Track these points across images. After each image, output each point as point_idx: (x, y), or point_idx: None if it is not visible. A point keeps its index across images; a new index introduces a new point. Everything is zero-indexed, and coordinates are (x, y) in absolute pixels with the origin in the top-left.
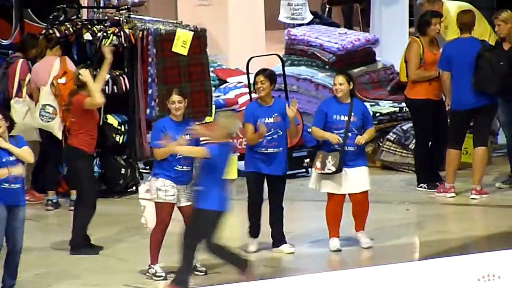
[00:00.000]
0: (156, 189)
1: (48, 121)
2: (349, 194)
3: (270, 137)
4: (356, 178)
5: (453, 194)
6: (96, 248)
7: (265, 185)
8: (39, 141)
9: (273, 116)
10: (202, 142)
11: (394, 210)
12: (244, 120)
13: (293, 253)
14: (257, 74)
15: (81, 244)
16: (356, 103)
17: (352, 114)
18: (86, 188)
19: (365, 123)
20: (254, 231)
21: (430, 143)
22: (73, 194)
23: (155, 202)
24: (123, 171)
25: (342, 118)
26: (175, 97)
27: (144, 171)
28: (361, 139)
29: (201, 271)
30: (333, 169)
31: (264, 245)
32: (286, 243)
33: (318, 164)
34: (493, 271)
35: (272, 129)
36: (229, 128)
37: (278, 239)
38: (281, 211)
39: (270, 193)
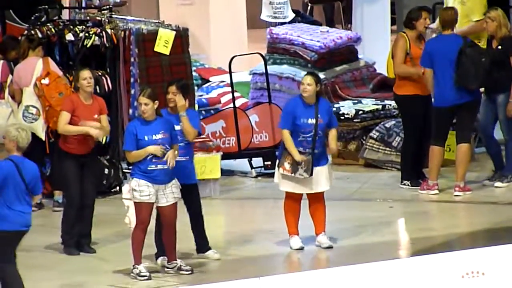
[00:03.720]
0: (132, 189)
1: (32, 122)
2: (307, 193)
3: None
4: (317, 178)
5: (436, 191)
6: (76, 249)
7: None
8: None
9: (180, 124)
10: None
11: (378, 207)
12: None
13: (219, 259)
14: (170, 84)
15: (66, 243)
16: (322, 104)
17: (319, 116)
18: (68, 188)
19: (330, 122)
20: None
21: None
22: (57, 195)
23: (134, 202)
24: (106, 171)
25: (310, 121)
26: (141, 99)
27: (127, 171)
28: (334, 150)
29: (186, 270)
30: (306, 175)
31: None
32: (210, 249)
33: (287, 166)
34: (477, 268)
35: (179, 137)
36: (20, 141)
37: (202, 245)
38: (201, 218)
39: (187, 203)
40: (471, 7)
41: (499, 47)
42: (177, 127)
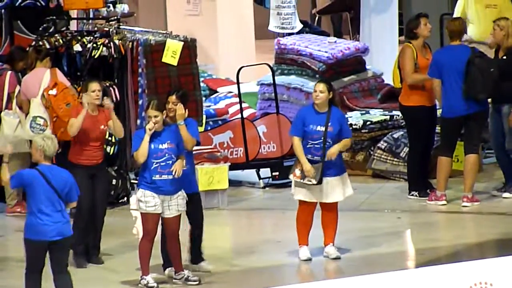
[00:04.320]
0: (138, 200)
1: (39, 133)
2: (320, 203)
3: None
4: (330, 188)
5: (444, 202)
6: (97, 260)
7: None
8: (30, 152)
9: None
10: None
11: (386, 218)
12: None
13: (210, 271)
14: (169, 94)
15: (79, 254)
16: (334, 112)
17: (329, 124)
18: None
19: (342, 132)
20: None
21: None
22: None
23: (140, 213)
24: (114, 182)
25: (319, 128)
26: (150, 112)
27: (135, 181)
28: (333, 153)
29: (194, 281)
30: (314, 181)
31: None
32: (204, 260)
33: (297, 172)
34: (485, 278)
35: None
36: (46, 149)
37: (197, 256)
38: (201, 229)
39: (188, 213)
40: (503, 9)
41: (504, 57)
42: None
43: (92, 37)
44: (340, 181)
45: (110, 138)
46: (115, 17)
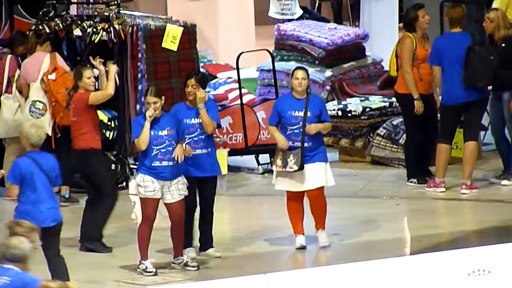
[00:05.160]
0: (137, 185)
1: (38, 117)
2: (306, 192)
3: (196, 138)
4: (311, 174)
5: (443, 189)
6: (107, 247)
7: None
8: None
9: (199, 117)
10: None
11: (384, 205)
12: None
13: (220, 257)
14: (188, 77)
15: (95, 239)
16: (313, 98)
17: (308, 109)
18: (107, 183)
19: (321, 118)
20: (186, 239)
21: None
22: (64, 190)
23: (139, 198)
24: (113, 167)
25: (297, 113)
26: (150, 99)
27: (134, 166)
28: (312, 127)
29: (193, 266)
30: (295, 167)
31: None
32: (212, 247)
33: (278, 162)
34: (483, 265)
35: (199, 130)
36: (29, 137)
37: (206, 243)
38: (211, 214)
39: (201, 196)
40: None
41: (503, 44)
42: (196, 120)
43: (92, 22)
44: (322, 167)
45: (109, 123)
46: (115, 2)
